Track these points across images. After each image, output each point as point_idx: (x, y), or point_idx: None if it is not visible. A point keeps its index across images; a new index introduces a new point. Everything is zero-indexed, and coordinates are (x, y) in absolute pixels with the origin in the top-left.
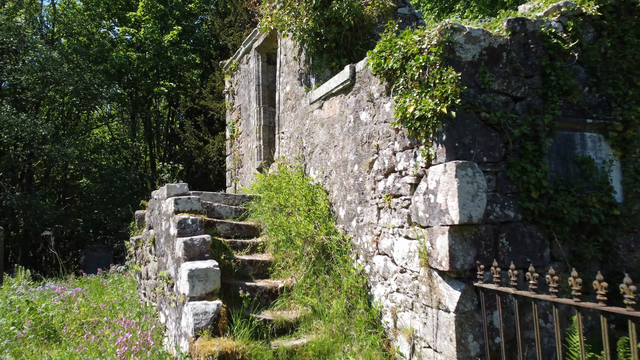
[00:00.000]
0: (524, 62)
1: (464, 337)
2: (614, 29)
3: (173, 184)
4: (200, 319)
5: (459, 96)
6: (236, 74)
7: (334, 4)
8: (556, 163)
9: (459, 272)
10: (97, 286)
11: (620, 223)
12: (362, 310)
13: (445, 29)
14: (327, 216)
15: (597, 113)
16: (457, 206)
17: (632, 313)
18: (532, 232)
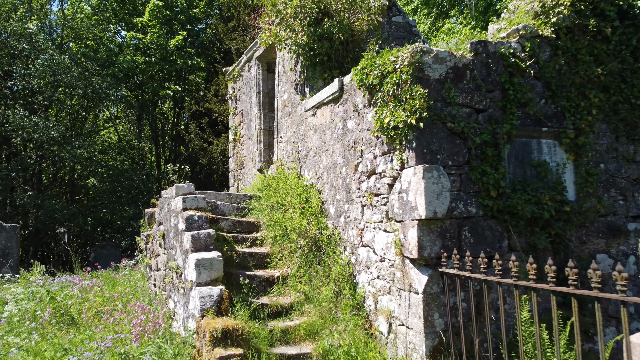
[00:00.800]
0: (485, 78)
1: (431, 315)
2: (568, 48)
3: (181, 184)
4: (206, 301)
5: (426, 109)
6: (238, 80)
7: (325, 21)
8: (515, 166)
9: (426, 259)
10: (110, 279)
11: (570, 218)
12: (348, 296)
13: (415, 51)
14: (319, 213)
15: (552, 122)
16: (424, 203)
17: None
18: (491, 226)
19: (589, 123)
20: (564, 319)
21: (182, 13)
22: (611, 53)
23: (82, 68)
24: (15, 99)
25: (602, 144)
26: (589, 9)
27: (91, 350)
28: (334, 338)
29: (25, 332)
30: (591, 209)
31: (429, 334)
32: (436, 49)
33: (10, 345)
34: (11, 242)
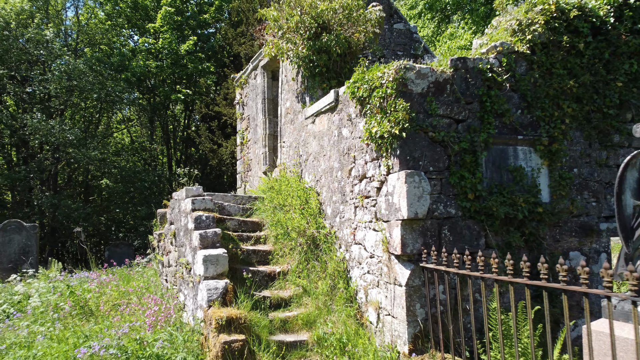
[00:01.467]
0: (464, 92)
1: (413, 306)
2: (543, 62)
3: (190, 187)
4: (212, 293)
5: (408, 121)
6: (245, 87)
7: (323, 36)
8: (492, 171)
9: (409, 255)
10: (124, 275)
11: (543, 218)
12: (342, 289)
13: (399, 68)
14: (317, 213)
15: (528, 130)
16: (406, 205)
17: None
18: (469, 226)
19: (562, 131)
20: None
21: (193, 18)
22: (585, 66)
23: (96, 73)
24: (33, 103)
25: (576, 150)
26: (563, 26)
27: (110, 337)
28: (328, 327)
29: (49, 322)
30: (564, 210)
31: (411, 323)
32: (418, 65)
33: (36, 333)
34: (31, 241)
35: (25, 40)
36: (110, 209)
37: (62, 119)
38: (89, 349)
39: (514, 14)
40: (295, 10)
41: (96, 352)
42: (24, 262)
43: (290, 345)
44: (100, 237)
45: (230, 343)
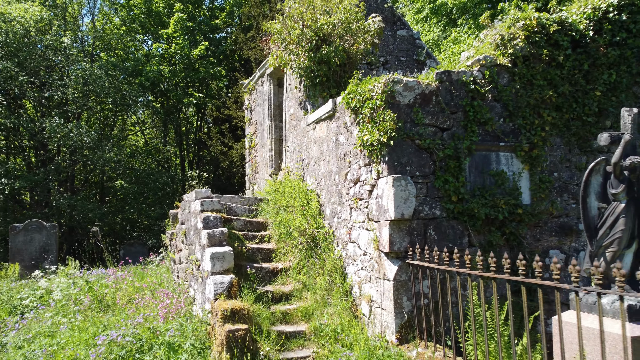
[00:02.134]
0: (449, 102)
1: (400, 299)
2: (524, 74)
3: (200, 189)
4: (219, 287)
5: (395, 130)
6: (253, 93)
7: (323, 48)
8: (475, 175)
9: (396, 253)
10: (139, 272)
11: (523, 219)
12: (338, 284)
13: (388, 81)
14: (317, 214)
15: (509, 138)
16: (393, 207)
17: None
18: (453, 226)
19: (543, 138)
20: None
21: (205, 23)
22: (565, 77)
23: (111, 77)
24: (51, 107)
25: (556, 155)
26: (543, 40)
27: (126, 327)
28: (324, 319)
29: (71, 314)
30: (545, 211)
31: (398, 314)
32: (406, 78)
33: (59, 323)
34: (51, 240)
35: (44, 47)
36: (125, 210)
37: (78, 122)
38: (108, 337)
39: (498, 28)
40: (297, 24)
41: (114, 339)
42: (44, 259)
43: (290, 335)
44: (115, 237)
45: (234, 332)
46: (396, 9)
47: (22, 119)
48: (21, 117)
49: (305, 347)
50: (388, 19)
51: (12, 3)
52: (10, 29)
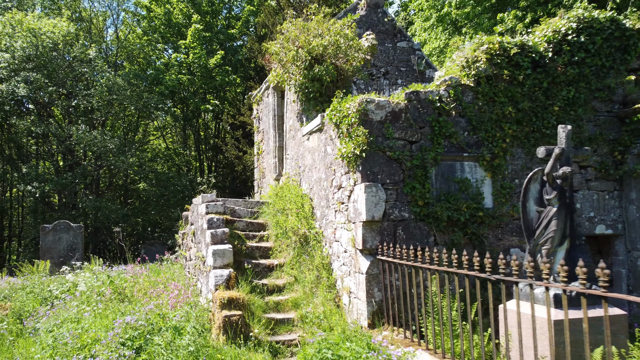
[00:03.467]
0: (417, 118)
1: (371, 290)
2: (486, 92)
3: (206, 194)
4: (218, 279)
5: (367, 144)
6: (261, 103)
7: (316, 67)
8: (441, 182)
9: (369, 250)
10: (155, 269)
11: (484, 221)
12: (325, 278)
13: (361, 101)
14: (309, 216)
15: (472, 149)
16: (365, 210)
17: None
18: (420, 226)
19: (503, 149)
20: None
21: (221, 33)
22: (525, 94)
23: (134, 86)
24: (78, 115)
25: (518, 164)
26: (504, 61)
27: (139, 313)
28: (309, 307)
29: (94, 303)
30: (506, 214)
31: (370, 303)
32: (377, 98)
33: (83, 311)
34: (77, 239)
35: (71, 59)
36: (147, 211)
37: (103, 129)
38: (124, 321)
39: (466, 51)
40: (293, 45)
41: (129, 322)
42: (71, 257)
43: (280, 321)
44: (137, 237)
45: (230, 317)
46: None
47: (51, 126)
48: (50, 124)
49: (293, 332)
50: (389, 32)
51: (42, 19)
52: (40, 42)
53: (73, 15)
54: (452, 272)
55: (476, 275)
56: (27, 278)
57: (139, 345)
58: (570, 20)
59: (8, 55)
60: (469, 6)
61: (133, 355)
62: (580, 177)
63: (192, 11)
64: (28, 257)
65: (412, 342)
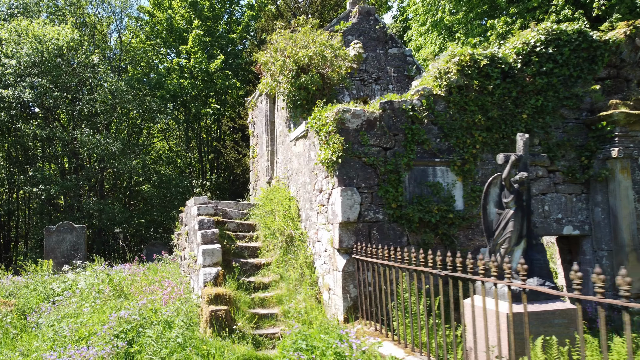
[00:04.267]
0: (391, 126)
1: (347, 286)
2: (457, 101)
3: (198, 196)
4: (207, 277)
5: (343, 151)
6: (255, 108)
7: (302, 76)
8: (414, 186)
9: (345, 249)
10: (153, 267)
11: (454, 222)
12: (308, 276)
13: (339, 111)
14: (295, 217)
15: (444, 155)
16: (340, 212)
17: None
18: (393, 227)
19: (473, 155)
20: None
21: (222, 37)
22: (495, 103)
23: (136, 90)
24: (82, 119)
25: (488, 168)
26: (475, 72)
27: (133, 308)
28: (292, 303)
29: (92, 299)
30: (476, 216)
31: (346, 299)
32: (354, 108)
33: (82, 307)
34: (80, 240)
35: (75, 64)
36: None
37: (107, 132)
38: (118, 315)
39: (439, 63)
40: (281, 56)
41: (123, 316)
42: (74, 257)
43: (264, 316)
44: (140, 237)
45: (216, 311)
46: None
47: (56, 130)
48: (55, 128)
49: (276, 326)
50: (380, 39)
51: (47, 25)
52: (45, 49)
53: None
54: (419, 271)
55: (438, 274)
56: (31, 277)
57: (132, 337)
58: (539, 33)
59: (14, 61)
60: (462, 12)
61: (125, 346)
62: (549, 181)
63: (193, 16)
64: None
65: (381, 334)
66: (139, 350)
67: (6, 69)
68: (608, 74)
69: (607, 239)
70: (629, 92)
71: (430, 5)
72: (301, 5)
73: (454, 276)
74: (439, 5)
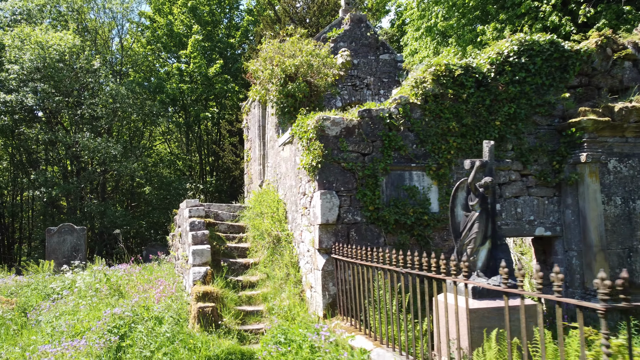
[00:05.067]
0: (369, 133)
1: (327, 284)
2: (433, 109)
3: (190, 199)
4: (196, 276)
5: (323, 157)
6: (249, 114)
7: (289, 84)
8: (391, 190)
9: (325, 249)
10: (149, 267)
11: (429, 224)
12: (292, 275)
13: (319, 119)
14: (282, 219)
15: (420, 160)
16: (320, 214)
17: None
18: (371, 229)
19: (448, 160)
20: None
21: (221, 42)
22: (469, 110)
23: (137, 94)
24: (84, 123)
25: (462, 173)
26: (450, 81)
27: (127, 305)
28: (276, 300)
29: (89, 297)
30: None
31: (325, 296)
32: (333, 116)
33: (80, 304)
34: (80, 241)
35: (77, 69)
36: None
37: (108, 136)
38: (112, 312)
39: (416, 72)
40: (269, 64)
41: (116, 313)
42: (74, 257)
43: (250, 313)
44: (141, 239)
45: (203, 308)
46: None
47: (58, 133)
48: (57, 132)
49: (261, 322)
50: (372, 45)
51: (50, 31)
52: (47, 54)
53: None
54: (392, 270)
55: (408, 272)
56: (32, 276)
57: (124, 332)
58: (512, 43)
59: (17, 67)
60: (454, 18)
61: (118, 340)
62: (522, 184)
63: (192, 22)
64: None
65: (356, 329)
66: (130, 344)
67: (9, 74)
68: (580, 82)
69: (576, 239)
70: (599, 100)
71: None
72: (299, 10)
73: (414, 274)
74: (432, 11)
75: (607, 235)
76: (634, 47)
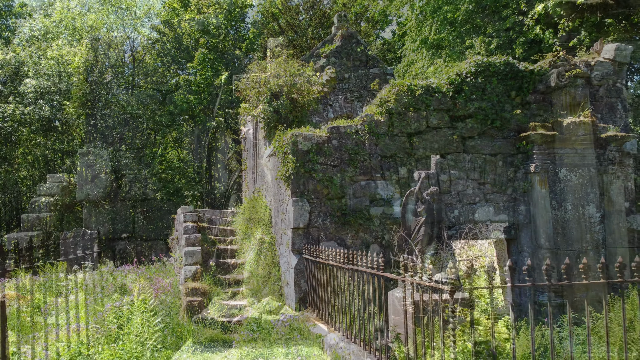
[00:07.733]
0: (338, 147)
1: (299, 281)
2: (396, 125)
3: (186, 206)
4: (187, 273)
5: (295, 169)
6: (245, 126)
7: (274, 101)
8: (357, 198)
9: (297, 250)
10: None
11: (392, 227)
12: (274, 274)
13: (292, 135)
14: (268, 224)
15: (384, 170)
16: (293, 219)
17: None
18: (339, 232)
19: (409, 170)
20: None
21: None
22: (430, 126)
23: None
24: (97, 133)
25: None
26: (411, 100)
27: (126, 299)
28: (257, 296)
29: (96, 294)
30: None
31: (297, 291)
32: (305, 132)
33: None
34: (92, 244)
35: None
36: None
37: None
38: (112, 305)
39: (383, 92)
40: (256, 84)
41: (116, 306)
42: (86, 259)
43: (234, 307)
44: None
45: (191, 302)
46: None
47: (75, 143)
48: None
49: (243, 314)
50: (362, 60)
51: (65, 46)
52: (62, 69)
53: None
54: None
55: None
56: (46, 276)
57: (122, 322)
58: (470, 65)
59: (34, 81)
60: (446, 32)
61: (116, 329)
62: (480, 192)
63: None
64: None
65: (321, 320)
66: (127, 333)
67: (28, 88)
68: (535, 99)
69: (528, 242)
70: (550, 115)
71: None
72: (301, 23)
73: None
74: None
75: (558, 238)
76: (586, 66)
